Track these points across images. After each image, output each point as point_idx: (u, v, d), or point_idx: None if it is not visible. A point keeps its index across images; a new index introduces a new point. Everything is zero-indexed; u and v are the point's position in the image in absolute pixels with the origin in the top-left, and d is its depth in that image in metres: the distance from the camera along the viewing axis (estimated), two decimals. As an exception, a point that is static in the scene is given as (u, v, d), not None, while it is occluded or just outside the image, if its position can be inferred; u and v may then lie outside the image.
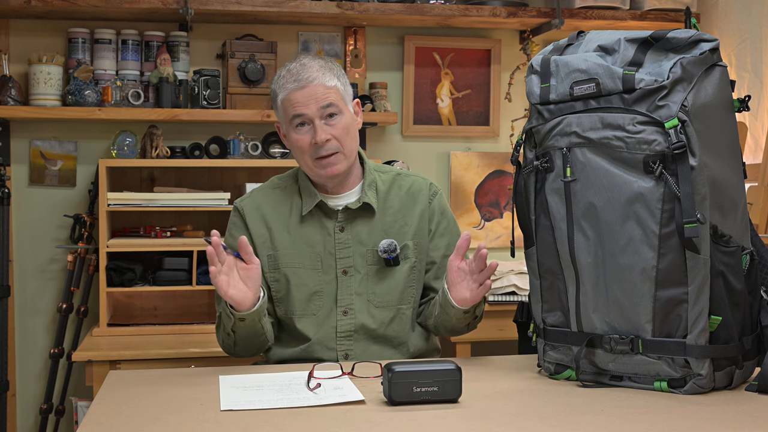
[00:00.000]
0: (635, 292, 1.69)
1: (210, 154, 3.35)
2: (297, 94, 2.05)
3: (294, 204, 2.14)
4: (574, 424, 1.52)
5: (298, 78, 2.05)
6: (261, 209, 2.15)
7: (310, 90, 2.04)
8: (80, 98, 3.20)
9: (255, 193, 2.19)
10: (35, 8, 3.16)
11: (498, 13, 3.41)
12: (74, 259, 3.27)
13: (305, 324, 2.10)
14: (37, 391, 3.41)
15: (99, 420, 1.56)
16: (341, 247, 2.11)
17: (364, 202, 2.12)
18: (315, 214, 2.12)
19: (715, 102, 1.69)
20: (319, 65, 2.08)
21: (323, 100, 2.04)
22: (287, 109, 2.07)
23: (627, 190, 1.67)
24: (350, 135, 2.09)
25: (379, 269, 2.11)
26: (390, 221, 2.14)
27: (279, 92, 2.09)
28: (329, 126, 2.05)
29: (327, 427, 1.50)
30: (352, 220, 2.12)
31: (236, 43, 3.35)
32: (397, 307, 2.12)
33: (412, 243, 2.13)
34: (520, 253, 1.89)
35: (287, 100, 2.07)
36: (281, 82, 2.08)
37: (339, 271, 2.10)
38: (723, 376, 1.70)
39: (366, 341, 2.10)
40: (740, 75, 3.33)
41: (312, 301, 2.10)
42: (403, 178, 2.20)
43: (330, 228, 2.11)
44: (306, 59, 2.10)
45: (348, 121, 2.08)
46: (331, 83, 2.06)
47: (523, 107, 3.69)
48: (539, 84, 1.79)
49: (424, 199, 2.17)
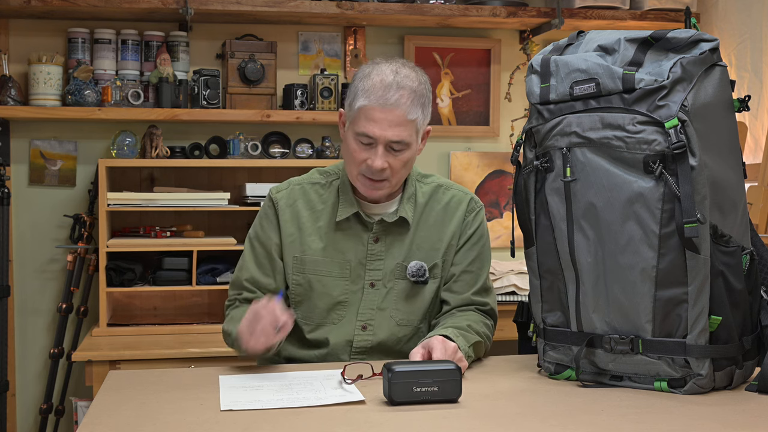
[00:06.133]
0: (635, 292, 1.69)
1: (210, 154, 3.35)
2: (377, 113, 1.92)
3: (330, 206, 2.06)
4: (574, 424, 1.52)
5: (386, 96, 1.91)
6: (295, 206, 2.07)
7: (390, 115, 1.92)
8: (80, 98, 3.20)
9: (293, 187, 2.10)
10: (35, 8, 3.15)
11: (498, 13, 3.41)
12: (74, 259, 3.27)
13: (322, 332, 2.05)
14: (36, 391, 3.41)
15: (99, 420, 1.56)
16: (373, 259, 2.05)
17: (401, 216, 2.05)
18: (350, 221, 2.05)
19: (715, 102, 1.69)
20: (412, 90, 1.94)
21: (397, 134, 1.92)
22: (360, 118, 1.94)
23: (627, 190, 1.67)
24: (406, 167, 2.00)
25: (407, 285, 2.05)
26: (423, 236, 2.07)
27: (360, 96, 1.95)
28: (390, 155, 1.95)
29: (327, 427, 1.50)
30: (387, 232, 2.05)
31: (236, 43, 3.35)
32: (418, 326, 2.07)
33: (441, 261, 2.07)
34: (520, 253, 1.89)
35: (364, 110, 1.93)
36: (369, 86, 1.94)
37: (366, 283, 2.05)
38: (723, 376, 1.70)
39: (380, 356, 2.04)
40: (740, 75, 3.33)
41: (334, 310, 2.05)
42: (443, 192, 2.11)
43: (365, 238, 2.05)
44: (404, 72, 1.95)
45: (409, 156, 1.98)
46: (413, 116, 1.94)
47: (523, 107, 3.69)
48: (539, 84, 1.79)
49: (460, 215, 2.09)
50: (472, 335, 1.94)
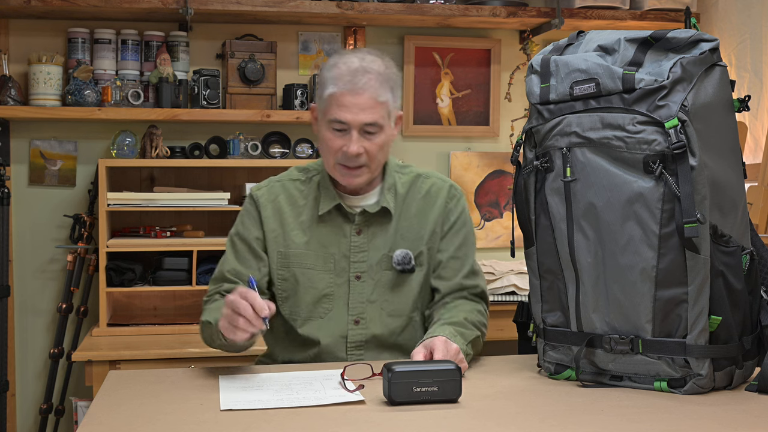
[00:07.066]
0: (635, 292, 1.68)
1: (210, 154, 3.35)
2: (347, 98, 1.95)
3: (312, 200, 2.08)
4: (574, 424, 1.52)
5: (354, 80, 1.94)
6: (277, 202, 2.09)
7: (362, 99, 1.94)
8: (80, 98, 3.20)
9: (273, 184, 2.13)
10: (35, 8, 3.15)
11: (498, 13, 3.41)
12: (74, 259, 3.27)
13: (311, 327, 2.05)
14: (36, 391, 3.41)
15: (99, 420, 1.56)
16: (357, 251, 2.06)
17: (383, 207, 2.06)
18: (332, 214, 2.06)
19: (715, 102, 1.69)
20: (379, 74, 1.97)
21: (369, 116, 1.95)
22: (331, 106, 1.97)
23: (627, 190, 1.67)
24: (383, 151, 2.01)
25: (393, 276, 2.06)
26: (406, 226, 2.08)
27: (328, 84, 1.98)
28: (365, 140, 1.97)
29: (327, 427, 1.50)
30: (370, 223, 2.06)
31: (236, 43, 3.35)
32: (410, 316, 2.08)
33: (426, 248, 2.09)
34: (520, 253, 1.89)
35: (334, 98, 1.96)
36: (336, 74, 1.97)
37: (352, 276, 2.05)
38: (723, 376, 1.70)
39: (377, 350, 2.06)
40: (740, 75, 3.33)
41: (320, 303, 2.05)
42: (422, 181, 2.13)
43: (347, 230, 2.06)
44: (370, 58, 1.99)
45: (385, 139, 2.00)
46: (383, 98, 1.97)
47: (523, 107, 3.69)
48: (539, 84, 1.79)
49: (441, 203, 2.11)
50: (470, 331, 1.95)
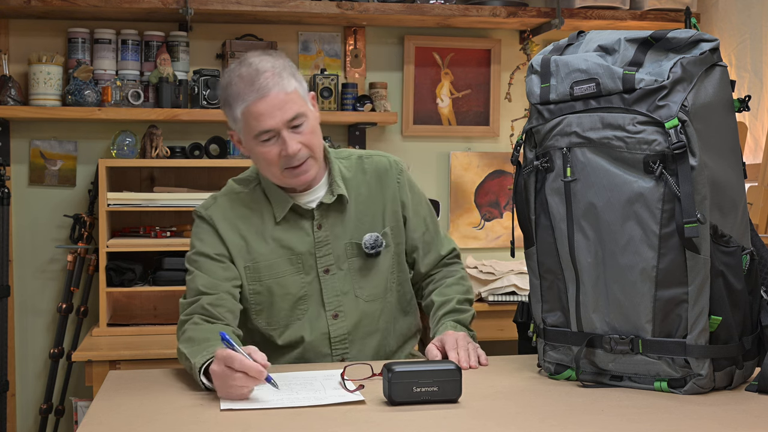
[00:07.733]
0: (635, 292, 1.68)
1: (210, 154, 3.35)
2: (259, 106, 1.90)
3: (264, 209, 2.04)
4: (574, 424, 1.52)
5: (255, 86, 1.90)
6: (230, 218, 2.03)
7: (272, 100, 1.90)
8: (80, 98, 3.20)
9: (219, 200, 2.07)
10: (35, 8, 3.15)
11: (498, 13, 3.41)
12: (74, 259, 3.27)
13: (291, 333, 2.04)
14: (36, 391, 3.41)
15: (99, 420, 1.56)
16: (321, 245, 2.04)
17: (339, 194, 2.04)
18: (289, 217, 2.03)
19: (715, 102, 1.69)
20: (272, 67, 1.92)
21: (288, 112, 1.91)
22: (250, 122, 1.92)
23: (627, 190, 1.67)
24: (316, 135, 1.98)
25: (361, 262, 2.06)
26: (362, 210, 2.07)
27: (235, 103, 1.93)
28: (297, 134, 1.94)
29: (327, 427, 1.50)
30: (327, 215, 2.05)
31: (236, 43, 3.35)
32: (384, 297, 2.09)
33: (388, 229, 2.09)
34: (520, 253, 1.89)
35: (248, 113, 1.91)
36: (235, 91, 1.92)
37: (320, 271, 2.04)
38: (723, 376, 1.70)
39: (361, 339, 2.07)
40: (740, 75, 3.33)
41: (297, 306, 2.04)
42: (365, 161, 2.12)
43: (308, 228, 2.04)
44: (255, 60, 1.94)
45: (313, 123, 1.98)
46: (290, 87, 1.93)
47: (523, 107, 3.69)
48: (539, 84, 1.79)
49: (392, 181, 2.11)
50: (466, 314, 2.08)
